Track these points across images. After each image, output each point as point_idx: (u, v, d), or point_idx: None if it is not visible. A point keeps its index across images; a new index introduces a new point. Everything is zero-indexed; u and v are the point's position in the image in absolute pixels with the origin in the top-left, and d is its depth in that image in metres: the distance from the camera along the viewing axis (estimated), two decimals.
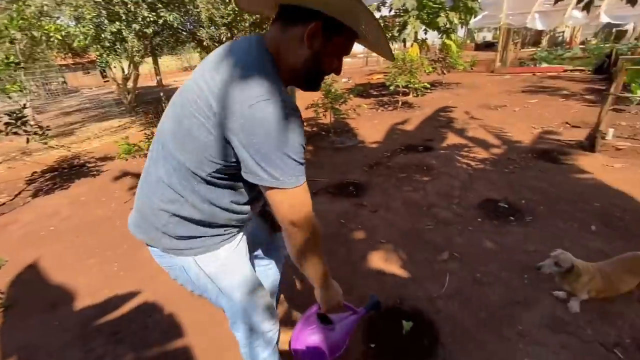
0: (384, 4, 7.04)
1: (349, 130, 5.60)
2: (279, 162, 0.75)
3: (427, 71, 7.50)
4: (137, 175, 4.37)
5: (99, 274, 2.46)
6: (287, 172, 0.76)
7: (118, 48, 6.31)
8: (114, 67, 9.07)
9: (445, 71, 8.65)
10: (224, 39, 8.03)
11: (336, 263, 2.27)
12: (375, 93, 8.57)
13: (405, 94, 7.55)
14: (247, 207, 0.98)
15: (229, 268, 1.03)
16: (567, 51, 11.19)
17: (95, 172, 4.69)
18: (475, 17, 7.64)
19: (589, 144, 3.56)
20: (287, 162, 0.76)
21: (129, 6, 5.37)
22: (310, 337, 1.22)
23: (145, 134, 3.30)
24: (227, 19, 6.66)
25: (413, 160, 3.81)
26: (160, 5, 5.75)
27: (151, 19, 5.71)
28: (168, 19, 5.74)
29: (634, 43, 9.58)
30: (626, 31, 11.62)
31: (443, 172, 3.39)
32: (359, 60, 18.27)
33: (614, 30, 12.65)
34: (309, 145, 4.97)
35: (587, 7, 1.86)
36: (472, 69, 10.38)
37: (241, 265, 1.07)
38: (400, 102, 6.92)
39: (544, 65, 9.48)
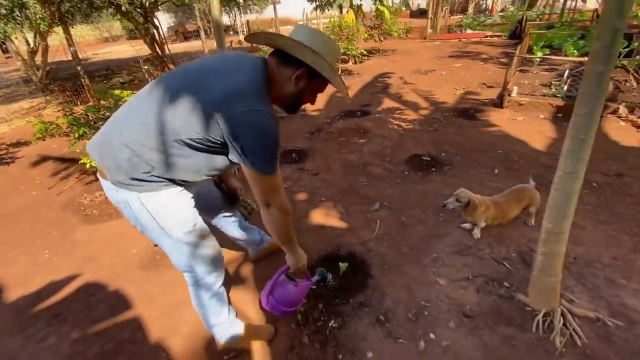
0: None
1: None
2: (262, 155, 1.01)
3: (363, 38, 7.64)
4: (60, 159, 4.00)
5: (29, 263, 2.32)
6: (266, 164, 1.03)
7: (18, 15, 5.42)
8: (16, 39, 7.76)
9: (382, 38, 8.88)
10: (146, 3, 7.26)
11: None
12: None
13: (344, 61, 7.66)
14: (194, 179, 1.16)
15: (170, 209, 1.15)
16: (488, 18, 12.09)
17: (8, 160, 4.18)
18: None
19: (499, 101, 4.05)
20: (266, 157, 1.02)
21: None
22: (279, 287, 1.41)
23: (64, 112, 3.00)
24: None
25: (351, 125, 4.00)
26: None
27: None
28: None
29: (541, 10, 10.65)
30: None
31: (377, 134, 3.64)
32: None
33: None
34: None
35: None
36: (407, 35, 10.76)
37: (182, 208, 1.18)
38: (340, 70, 7.02)
39: (469, 31, 10.19)
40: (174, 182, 1.13)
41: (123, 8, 6.58)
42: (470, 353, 1.42)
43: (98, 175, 1.17)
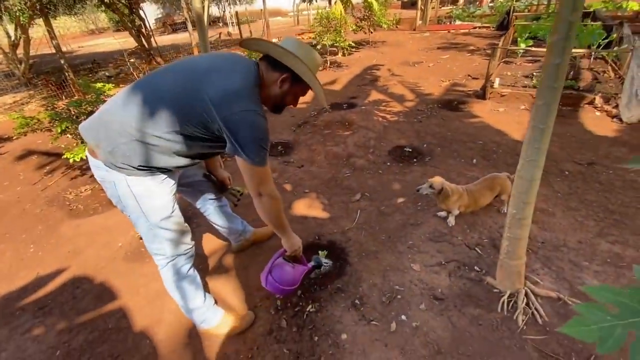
0: None
1: None
2: (254, 148, 1.14)
3: (352, 29, 7.62)
4: (44, 154, 3.97)
5: (14, 257, 2.34)
6: (257, 156, 1.15)
7: None
8: None
9: (371, 30, 8.86)
10: None
11: None
12: None
13: (333, 53, 7.64)
14: (183, 165, 1.29)
15: (153, 194, 1.25)
16: (478, 9, 12.12)
17: None
18: None
19: (482, 93, 4.12)
20: (258, 150, 1.15)
21: None
22: (277, 268, 1.52)
23: (45, 106, 2.98)
24: None
25: (337, 118, 4.04)
26: None
27: None
28: None
29: (529, 1, 10.71)
30: None
31: (362, 126, 3.68)
32: (290, 20, 17.59)
33: None
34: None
35: None
36: (396, 27, 10.74)
37: (163, 195, 1.28)
38: (328, 62, 7.01)
39: (458, 22, 10.21)
40: (161, 169, 1.25)
41: (106, 0, 6.44)
42: (438, 332, 1.50)
43: (87, 152, 1.26)
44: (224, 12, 17.96)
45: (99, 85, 2.84)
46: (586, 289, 0.64)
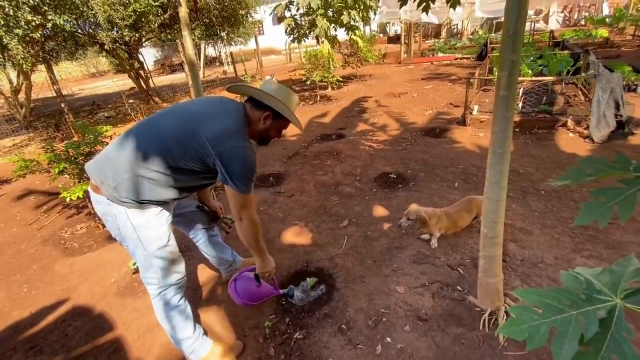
0: (292, 3, 7.36)
1: None
2: (241, 178, 1.32)
3: (339, 65, 8.05)
4: (41, 195, 4.06)
5: (7, 298, 2.36)
6: (245, 185, 1.34)
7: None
8: None
9: (359, 65, 9.37)
10: (130, 41, 7.57)
11: None
12: (297, 89, 8.90)
13: (323, 87, 8.03)
14: (179, 197, 1.44)
15: (150, 225, 1.38)
16: (458, 41, 12.88)
17: None
18: (375, 14, 8.43)
19: (463, 120, 4.34)
20: (245, 181, 1.33)
21: (6, 10, 4.82)
22: (243, 279, 1.67)
23: (45, 148, 3.12)
24: (129, 20, 6.33)
25: (326, 148, 4.21)
26: (46, 8, 5.25)
27: (37, 22, 5.19)
28: (58, 22, 5.27)
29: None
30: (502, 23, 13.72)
31: (349, 155, 3.84)
32: (282, 57, 18.49)
33: (494, 22, 14.86)
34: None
35: (425, 9, 2.26)
36: (383, 61, 11.35)
37: (160, 226, 1.41)
38: (319, 96, 7.36)
39: (440, 54, 10.83)
40: (159, 202, 1.38)
41: (106, 46, 6.85)
42: (422, 353, 1.53)
43: (90, 189, 1.40)
44: (219, 53, 18.89)
45: (97, 127, 3.01)
46: (516, 292, 0.72)
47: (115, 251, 2.70)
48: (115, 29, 6.74)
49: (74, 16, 5.91)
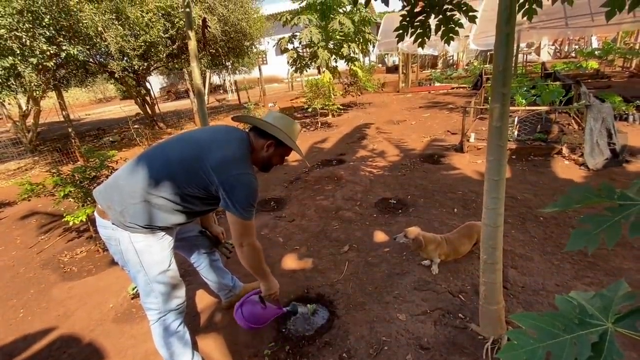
0: (294, 36, 7.74)
1: None
2: (243, 205, 1.34)
3: (340, 94, 8.32)
4: (43, 218, 4.08)
5: (1, 323, 2.33)
6: (247, 212, 1.36)
7: (12, 84, 5.82)
8: (9, 104, 8.18)
9: (359, 93, 9.68)
10: (139, 69, 7.89)
11: None
12: (299, 116, 9.14)
13: (324, 115, 8.25)
14: (184, 222, 1.48)
15: (152, 249, 1.41)
16: (454, 72, 13.38)
17: None
18: (374, 46, 8.83)
19: (460, 147, 4.44)
20: (248, 207, 1.36)
21: (23, 40, 5.07)
22: (249, 303, 1.69)
23: (50, 172, 3.18)
24: (139, 50, 6.62)
25: (326, 173, 4.28)
26: (61, 39, 5.52)
27: (52, 51, 5.44)
28: (72, 52, 5.52)
29: None
30: None
31: (350, 180, 3.90)
32: (285, 85, 19.09)
33: (488, 54, 15.49)
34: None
35: (421, 44, 2.40)
36: (382, 89, 11.74)
37: (161, 251, 1.45)
38: (319, 123, 7.55)
39: (437, 84, 11.21)
40: (162, 228, 1.42)
41: (116, 74, 7.12)
42: None
43: (96, 214, 1.45)
44: (224, 80, 19.53)
45: (102, 152, 3.09)
46: (513, 316, 0.74)
47: (114, 276, 2.68)
48: (125, 58, 7.05)
49: (87, 47, 6.20)
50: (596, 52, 10.78)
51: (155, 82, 21.67)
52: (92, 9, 5.65)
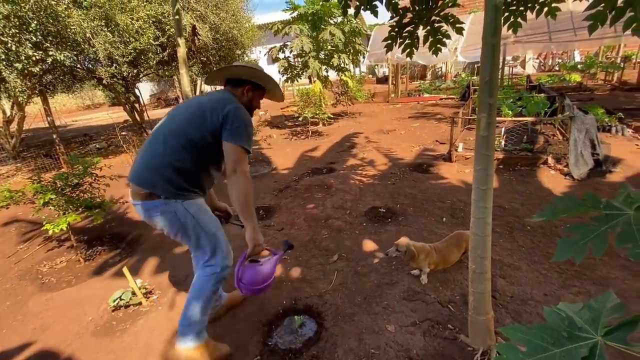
0: (285, 45, 7.79)
1: (264, 159, 5.91)
2: (239, 133, 1.53)
3: (330, 103, 8.37)
4: (23, 227, 3.94)
5: None
6: (243, 139, 1.54)
7: None
8: None
9: (350, 103, 9.76)
10: (128, 76, 7.80)
11: None
12: (289, 124, 9.14)
13: (315, 123, 8.27)
14: (208, 182, 1.72)
15: (203, 208, 1.66)
16: (443, 83, 13.65)
17: None
18: (364, 57, 8.96)
19: (449, 156, 4.49)
20: (244, 135, 1.54)
21: (9, 45, 4.96)
22: (246, 271, 1.57)
23: (31, 179, 3.08)
24: (128, 57, 6.56)
25: (316, 182, 4.26)
26: (48, 44, 5.43)
27: (38, 57, 5.34)
28: (58, 58, 5.43)
29: None
30: None
31: (339, 189, 3.88)
32: None
33: (475, 66, 15.88)
34: (224, 177, 5.10)
35: (409, 54, 2.42)
36: (372, 99, 11.86)
37: (208, 211, 1.69)
38: (310, 132, 7.55)
39: (426, 95, 11.40)
40: (200, 189, 1.66)
41: (105, 81, 7.02)
42: None
43: (140, 200, 1.56)
44: (215, 88, 19.53)
45: (88, 159, 3.01)
46: (502, 329, 0.73)
47: (95, 287, 2.58)
48: (114, 65, 6.97)
49: (75, 52, 6.11)
50: (579, 66, 11.15)
51: (145, 89, 21.48)
52: (80, 15, 5.59)
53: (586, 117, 3.77)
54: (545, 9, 1.73)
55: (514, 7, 1.78)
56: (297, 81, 8.09)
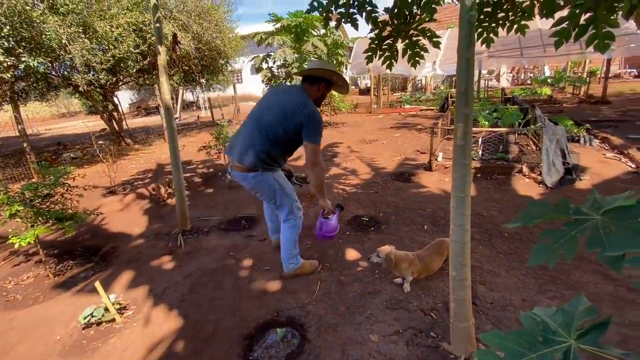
0: (269, 56, 7.83)
1: None
2: (315, 133, 2.06)
3: None
4: None
5: None
6: (317, 138, 2.08)
7: None
8: None
9: (333, 113, 9.87)
10: (106, 84, 7.59)
11: (222, 292, 2.39)
12: None
13: None
14: (284, 160, 2.31)
15: (285, 181, 2.28)
16: (423, 95, 14.07)
17: None
18: (347, 69, 9.11)
19: (429, 165, 4.59)
20: (318, 134, 2.08)
21: None
22: (324, 224, 2.37)
23: None
24: (106, 64, 6.41)
25: (300, 191, 4.21)
26: (21, 50, 5.23)
27: (9, 63, 5.12)
28: (31, 65, 5.24)
29: None
30: None
31: None
32: None
33: (453, 79, 16.49)
34: (206, 186, 5.01)
35: (389, 67, 2.48)
36: (355, 110, 12.05)
37: (286, 179, 2.33)
38: None
39: (407, 106, 11.70)
40: (280, 166, 2.26)
41: (81, 88, 6.81)
42: None
43: (238, 172, 2.17)
44: (197, 97, 19.28)
45: (61, 168, 2.88)
46: (481, 336, 0.73)
47: (64, 303, 2.44)
48: (92, 72, 6.77)
49: (50, 59, 5.91)
50: (549, 80, 11.77)
51: (125, 98, 20.99)
52: (57, 21, 5.44)
53: (557, 128, 3.95)
54: (515, 26, 1.82)
55: (487, 24, 1.87)
56: None
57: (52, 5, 5.56)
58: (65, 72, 7.34)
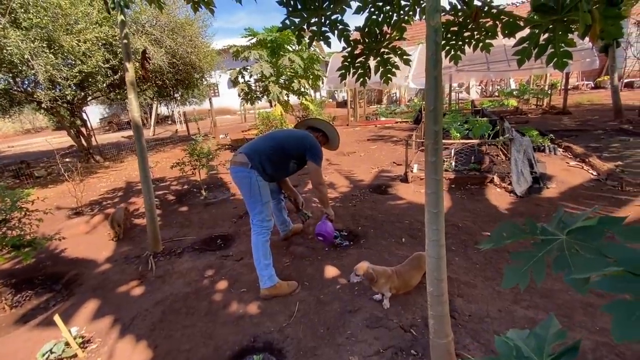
0: (245, 69, 7.82)
1: (222, 185, 5.72)
2: (317, 157, 2.56)
3: (291, 126, 8.44)
4: None
5: None
6: (319, 160, 2.57)
7: None
8: None
9: None
10: (73, 99, 7.28)
11: (197, 318, 2.27)
12: None
13: None
14: (279, 175, 2.66)
15: (266, 194, 2.43)
16: (397, 107, 14.47)
17: None
18: (323, 83, 9.25)
19: (405, 177, 4.66)
20: (319, 158, 2.57)
21: None
22: (325, 225, 2.83)
23: None
24: (73, 80, 6.16)
25: (289, 205, 4.16)
26: None
27: None
28: None
29: None
30: None
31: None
32: (237, 117, 18.97)
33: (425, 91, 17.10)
34: (180, 204, 4.84)
35: (362, 84, 2.53)
36: (332, 123, 12.18)
37: (268, 189, 2.48)
38: None
39: (382, 118, 11.96)
40: (266, 176, 2.44)
41: (44, 105, 6.48)
42: None
43: (236, 166, 2.41)
44: (172, 111, 18.88)
45: (17, 191, 2.69)
46: None
47: (21, 339, 2.24)
48: (57, 87, 6.48)
49: (11, 75, 5.61)
50: (514, 92, 12.42)
51: (95, 113, 20.25)
52: (19, 36, 5.19)
53: (523, 139, 4.14)
54: (480, 44, 1.90)
55: (454, 42, 1.94)
56: (258, 103, 8.09)
57: (14, 19, 5.32)
58: (29, 88, 6.99)
